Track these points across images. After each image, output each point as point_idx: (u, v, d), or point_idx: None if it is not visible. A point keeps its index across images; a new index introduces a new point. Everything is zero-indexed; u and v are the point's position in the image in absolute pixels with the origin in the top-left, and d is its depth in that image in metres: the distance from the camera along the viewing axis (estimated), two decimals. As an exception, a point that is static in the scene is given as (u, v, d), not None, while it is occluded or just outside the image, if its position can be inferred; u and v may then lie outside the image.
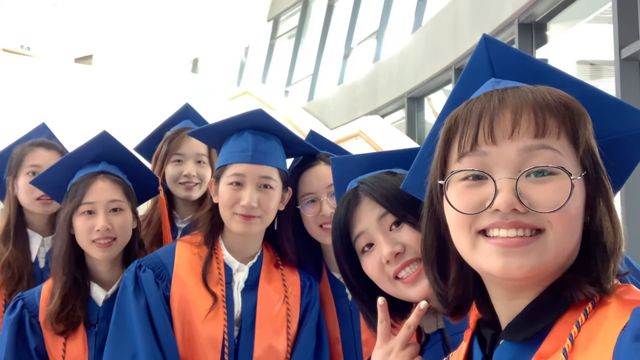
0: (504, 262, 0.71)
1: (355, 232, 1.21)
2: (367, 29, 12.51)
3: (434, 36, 9.28)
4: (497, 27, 7.48)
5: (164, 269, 1.59)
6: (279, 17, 17.23)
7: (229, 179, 1.60)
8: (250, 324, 1.60)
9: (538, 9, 6.90)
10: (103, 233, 1.68)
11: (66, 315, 1.65)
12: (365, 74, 11.77)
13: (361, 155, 1.50)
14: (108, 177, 1.74)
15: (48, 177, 1.83)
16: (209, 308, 1.55)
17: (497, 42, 0.88)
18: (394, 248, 1.16)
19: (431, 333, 1.18)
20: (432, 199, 0.85)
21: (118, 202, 1.73)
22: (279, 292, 1.67)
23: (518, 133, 0.73)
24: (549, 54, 7.19)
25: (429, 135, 0.94)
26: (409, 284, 1.16)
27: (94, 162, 1.77)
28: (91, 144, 1.78)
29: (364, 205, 1.21)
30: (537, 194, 0.71)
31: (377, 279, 1.20)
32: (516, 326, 0.75)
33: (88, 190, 1.70)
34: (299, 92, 15.16)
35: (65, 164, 1.81)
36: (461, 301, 0.84)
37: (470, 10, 8.21)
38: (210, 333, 1.54)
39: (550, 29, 7.17)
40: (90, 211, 1.70)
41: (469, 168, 0.76)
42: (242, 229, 1.60)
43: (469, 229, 0.75)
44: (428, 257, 0.86)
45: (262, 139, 1.63)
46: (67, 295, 1.67)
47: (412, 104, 10.26)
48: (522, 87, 0.78)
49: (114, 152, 1.80)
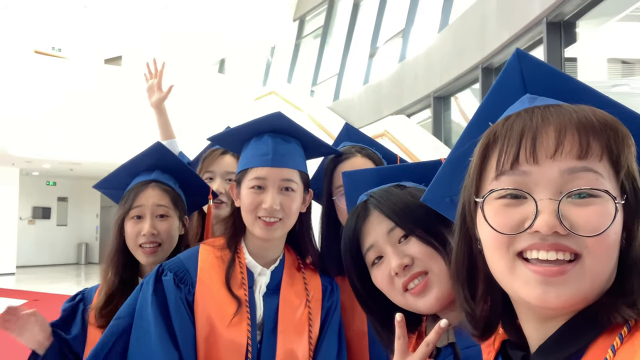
0: (542, 291, 0.70)
1: (366, 245, 1.23)
2: (393, 28, 12.46)
3: (460, 35, 9.21)
4: (524, 26, 7.39)
5: (187, 273, 1.59)
6: (304, 16, 17.25)
7: (250, 183, 1.60)
8: (272, 329, 1.59)
9: (567, 7, 6.80)
10: (148, 237, 1.77)
11: (108, 311, 1.73)
12: (390, 73, 11.72)
13: (371, 168, 1.51)
14: (158, 185, 1.84)
15: (109, 183, 1.95)
16: (232, 312, 1.54)
17: (530, 57, 0.85)
18: (402, 260, 1.17)
19: (442, 347, 1.18)
20: (464, 216, 0.83)
21: (164, 208, 1.81)
22: (300, 296, 1.66)
23: (561, 153, 0.71)
24: (578, 53, 7.09)
25: (454, 149, 0.93)
26: (416, 295, 1.17)
27: (148, 170, 1.88)
28: (146, 153, 1.88)
29: (373, 219, 1.23)
30: (578, 217, 0.69)
31: (387, 291, 1.21)
32: (548, 349, 0.74)
33: (138, 196, 1.81)
34: (324, 91, 15.17)
35: (124, 170, 1.91)
36: (488, 321, 0.83)
37: (497, 8, 8.13)
38: (234, 338, 1.53)
39: (579, 28, 7.06)
40: (139, 216, 1.80)
41: (509, 187, 0.73)
42: (265, 233, 1.59)
43: (506, 249, 0.73)
44: (459, 276, 0.84)
45: (282, 141, 1.63)
46: (112, 294, 1.76)
47: (439, 104, 10.19)
48: (564, 106, 0.76)
49: (167, 161, 1.89)
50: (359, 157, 1.85)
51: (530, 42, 7.58)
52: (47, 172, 18.35)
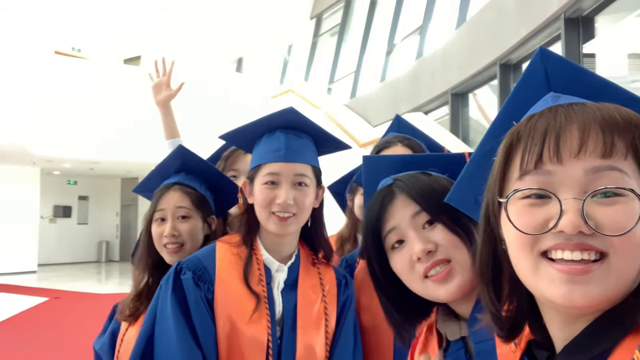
0: (568, 290, 0.69)
1: (387, 228, 1.19)
2: (410, 24, 12.42)
3: (478, 31, 9.15)
4: (542, 22, 7.33)
5: (205, 271, 1.59)
6: (321, 14, 17.26)
7: (263, 179, 1.60)
8: (291, 324, 1.59)
9: (585, 3, 6.72)
10: (170, 238, 1.83)
11: (134, 305, 1.83)
12: (408, 70, 11.68)
13: (395, 155, 1.48)
14: (180, 188, 1.89)
15: (145, 186, 2.04)
16: (252, 309, 1.54)
17: (554, 54, 0.84)
18: (426, 246, 1.14)
19: (453, 340, 1.16)
20: (488, 216, 0.82)
21: (185, 209, 1.86)
22: (316, 290, 1.67)
23: (585, 152, 0.70)
24: (597, 49, 7.01)
25: (478, 149, 0.91)
26: (438, 282, 1.13)
27: (176, 172, 1.96)
28: (172, 156, 1.95)
29: (398, 202, 1.19)
30: (603, 216, 0.68)
31: (405, 277, 1.18)
32: (573, 349, 0.73)
33: (161, 199, 1.88)
34: (341, 89, 15.17)
35: (156, 174, 1.99)
36: (514, 321, 0.82)
37: (515, 4, 8.06)
38: (254, 334, 1.53)
39: (597, 23, 6.99)
40: (162, 218, 1.87)
41: (533, 187, 0.72)
42: (279, 229, 1.60)
43: (530, 249, 0.72)
44: (484, 277, 0.83)
45: (295, 137, 1.63)
46: (141, 292, 1.85)
47: (456, 100, 10.13)
48: (588, 104, 0.75)
49: (192, 163, 1.94)
50: (400, 146, 1.86)
51: (548, 38, 7.52)
52: (68, 171, 18.59)
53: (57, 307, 10.38)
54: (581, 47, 6.93)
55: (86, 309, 9.88)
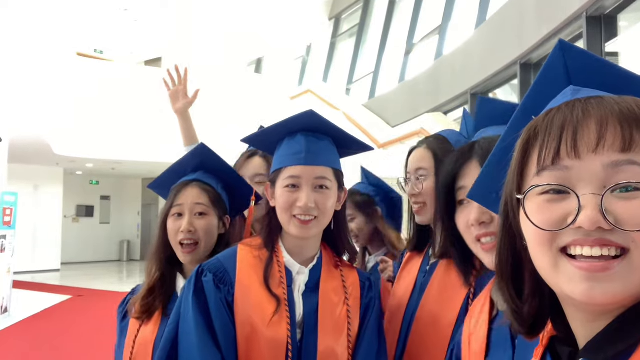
0: (588, 288, 0.68)
1: (459, 184, 1.28)
2: (430, 24, 12.36)
3: (498, 30, 9.09)
4: (563, 20, 7.25)
5: (226, 273, 1.60)
6: (340, 15, 17.26)
7: (284, 182, 1.60)
8: (312, 327, 1.58)
9: (607, 1, 6.64)
10: (186, 234, 1.83)
11: (146, 303, 1.81)
12: (427, 70, 11.62)
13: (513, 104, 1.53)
14: (198, 185, 1.90)
15: (160, 183, 2.04)
16: (272, 312, 1.54)
17: (574, 47, 0.82)
18: (482, 217, 1.21)
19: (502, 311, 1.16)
20: (507, 213, 0.81)
21: (203, 206, 1.86)
22: (339, 293, 1.66)
23: (603, 147, 0.69)
24: (620, 48, 6.93)
25: (498, 144, 0.91)
26: (487, 251, 1.21)
27: (194, 170, 1.97)
28: (191, 154, 1.96)
29: (472, 165, 1.26)
30: (623, 211, 0.67)
31: (463, 232, 1.27)
32: (597, 345, 0.72)
33: (179, 195, 1.88)
34: (360, 89, 15.15)
35: (172, 171, 2.00)
36: (536, 318, 0.81)
37: (536, 3, 7.99)
38: (275, 336, 1.53)
39: (620, 22, 6.90)
40: (179, 214, 1.87)
41: (551, 182, 0.71)
42: (300, 232, 1.60)
43: (549, 246, 0.71)
44: (504, 274, 0.82)
45: (315, 139, 1.63)
46: (152, 288, 1.84)
47: (476, 100, 10.06)
48: (606, 98, 0.73)
49: (211, 162, 1.96)
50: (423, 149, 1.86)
51: (570, 37, 7.43)
52: (90, 172, 18.82)
53: (80, 305, 10.53)
54: (604, 46, 6.84)
55: (108, 306, 9.96)
